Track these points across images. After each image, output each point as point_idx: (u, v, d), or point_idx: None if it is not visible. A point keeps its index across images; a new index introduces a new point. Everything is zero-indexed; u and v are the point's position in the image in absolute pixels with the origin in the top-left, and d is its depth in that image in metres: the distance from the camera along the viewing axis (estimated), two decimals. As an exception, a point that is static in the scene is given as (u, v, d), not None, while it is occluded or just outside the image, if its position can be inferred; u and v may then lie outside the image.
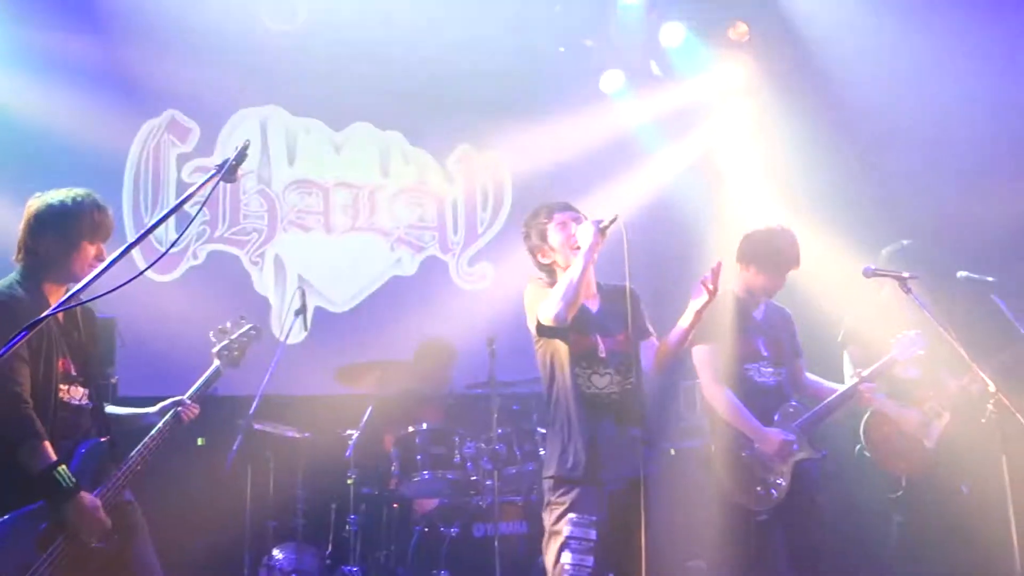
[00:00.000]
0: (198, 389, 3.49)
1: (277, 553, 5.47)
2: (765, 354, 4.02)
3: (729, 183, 6.89)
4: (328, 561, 5.50)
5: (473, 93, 6.89)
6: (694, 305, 3.32)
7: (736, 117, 6.93)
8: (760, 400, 3.93)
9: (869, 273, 4.03)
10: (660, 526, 6.32)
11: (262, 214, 6.47)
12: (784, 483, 3.84)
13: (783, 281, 4.10)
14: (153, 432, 3.34)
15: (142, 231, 2.31)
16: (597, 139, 7.03)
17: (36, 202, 3.24)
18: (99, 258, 3.20)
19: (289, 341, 5.42)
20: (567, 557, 3.14)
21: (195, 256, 6.22)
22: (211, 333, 3.64)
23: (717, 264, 3.34)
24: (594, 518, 3.19)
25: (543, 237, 3.48)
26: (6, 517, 2.99)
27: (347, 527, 5.12)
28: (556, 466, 3.31)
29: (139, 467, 3.27)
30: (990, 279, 4.31)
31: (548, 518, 3.30)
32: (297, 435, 5.21)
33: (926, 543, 4.71)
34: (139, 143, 6.12)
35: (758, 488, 3.82)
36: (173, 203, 6.07)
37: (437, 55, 6.45)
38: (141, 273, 2.35)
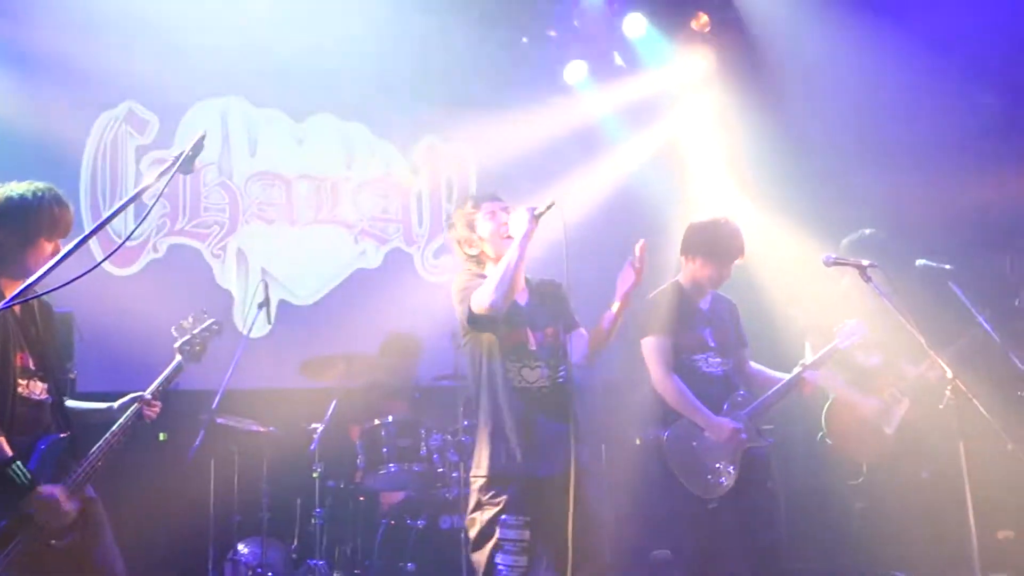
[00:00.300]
0: (159, 385, 3.44)
1: (242, 548, 5.44)
2: (712, 344, 4.05)
3: (692, 173, 6.94)
4: (294, 555, 5.47)
5: (437, 84, 6.87)
6: (622, 287, 3.33)
7: (698, 107, 6.98)
8: (708, 390, 3.96)
9: (829, 262, 4.06)
10: (624, 517, 6.40)
11: (223, 206, 6.39)
12: (733, 471, 3.87)
13: (729, 272, 4.13)
14: (115, 428, 3.29)
15: (97, 223, 2.25)
16: (562, 130, 7.03)
17: None
18: (55, 255, 3.12)
19: (252, 335, 5.38)
20: (501, 559, 3.14)
21: (155, 249, 6.13)
22: (172, 328, 3.58)
23: (641, 243, 3.34)
24: (527, 518, 3.19)
25: (471, 227, 3.43)
26: None
27: (313, 521, 5.09)
28: (488, 464, 3.28)
29: (100, 463, 3.23)
30: (948, 267, 4.37)
31: (479, 518, 3.26)
32: (261, 429, 5.17)
33: (887, 529, 4.78)
34: (96, 135, 6.00)
35: (708, 476, 3.86)
36: (129, 193, 6.02)
37: (401, 46, 6.41)
38: (97, 265, 2.31)
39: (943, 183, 5.81)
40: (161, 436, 5.20)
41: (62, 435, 3.16)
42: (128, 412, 3.33)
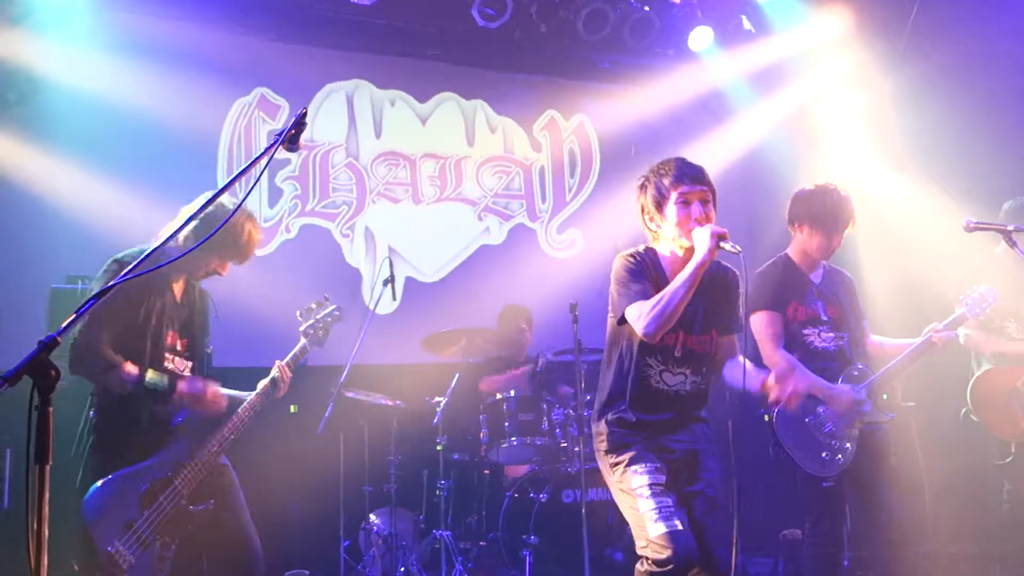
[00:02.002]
0: (288, 362, 3.70)
1: (374, 518, 5.62)
2: (825, 318, 3.87)
3: (824, 140, 6.63)
4: (422, 526, 5.61)
5: (556, 58, 6.82)
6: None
7: (833, 71, 6.63)
8: (821, 365, 3.78)
9: (971, 226, 3.80)
10: (755, 497, 6.24)
11: (351, 187, 6.57)
12: (851, 447, 3.69)
13: (839, 241, 3.91)
14: (245, 404, 3.54)
15: (206, 201, 2.35)
16: (686, 99, 6.88)
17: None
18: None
19: (379, 311, 5.51)
20: (648, 504, 3.01)
21: (288, 230, 6.36)
22: (298, 312, 3.84)
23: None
24: (658, 464, 3.11)
25: (659, 204, 3.16)
26: (111, 476, 3.19)
27: (438, 492, 5.19)
28: (607, 423, 3.22)
29: (233, 436, 3.44)
30: (1010, 228, 4.00)
31: (611, 477, 3.19)
32: (389, 403, 5.30)
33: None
34: (231, 121, 6.27)
35: (823, 454, 3.69)
36: (265, 179, 6.26)
37: (518, 22, 6.38)
38: (207, 238, 2.40)
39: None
40: (292, 408, 5.41)
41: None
42: (258, 389, 3.58)
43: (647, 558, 2.99)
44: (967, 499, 5.14)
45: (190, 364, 3.57)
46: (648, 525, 2.98)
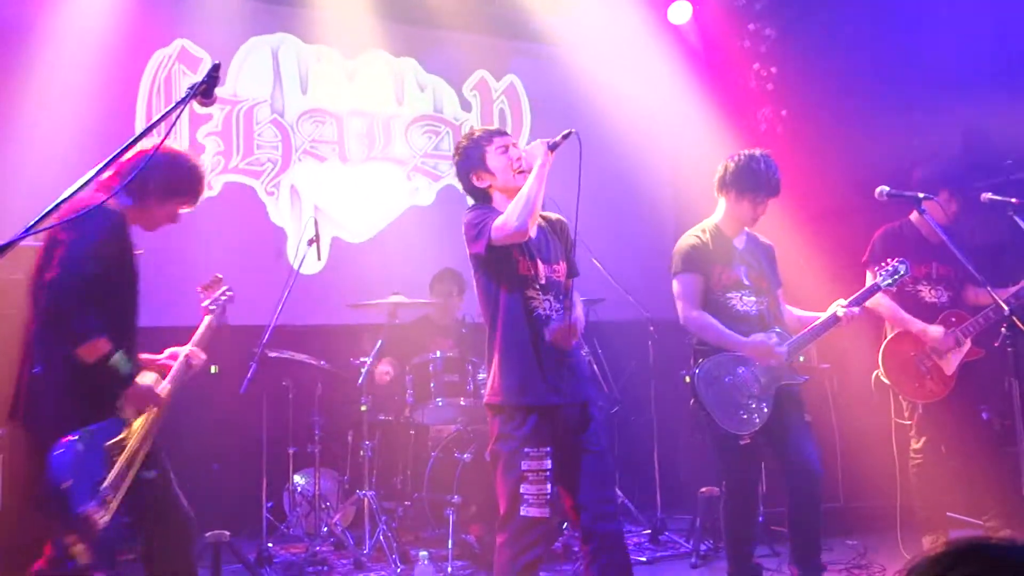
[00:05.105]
0: (196, 342, 3.54)
1: (298, 479, 5.60)
2: (747, 283, 3.96)
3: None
4: (346, 486, 5.61)
5: (488, 18, 6.75)
6: None
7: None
8: (742, 328, 3.87)
9: (884, 196, 3.92)
10: (675, 454, 6.38)
11: (276, 144, 6.43)
12: (767, 408, 3.80)
13: (763, 208, 4.00)
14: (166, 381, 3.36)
15: (107, 160, 2.25)
16: (621, 63, 6.89)
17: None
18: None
19: (304, 271, 5.44)
20: (527, 488, 3.14)
21: (210, 187, 6.16)
22: (198, 287, 3.71)
23: None
24: (548, 449, 3.18)
25: (482, 160, 3.36)
26: (72, 436, 2.98)
27: (362, 453, 5.18)
28: (504, 393, 3.26)
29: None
30: (1013, 200, 4.15)
31: (501, 448, 3.25)
32: (313, 362, 5.26)
33: (943, 470, 4.65)
34: (150, 73, 6.07)
35: (741, 413, 3.79)
36: (185, 134, 6.09)
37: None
38: (109, 198, 2.31)
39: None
40: (213, 369, 5.32)
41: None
42: (178, 363, 3.42)
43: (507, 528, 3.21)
44: (879, 457, 5.34)
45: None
46: (520, 505, 3.17)
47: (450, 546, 4.83)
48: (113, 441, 3.09)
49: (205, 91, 2.34)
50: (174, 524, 3.29)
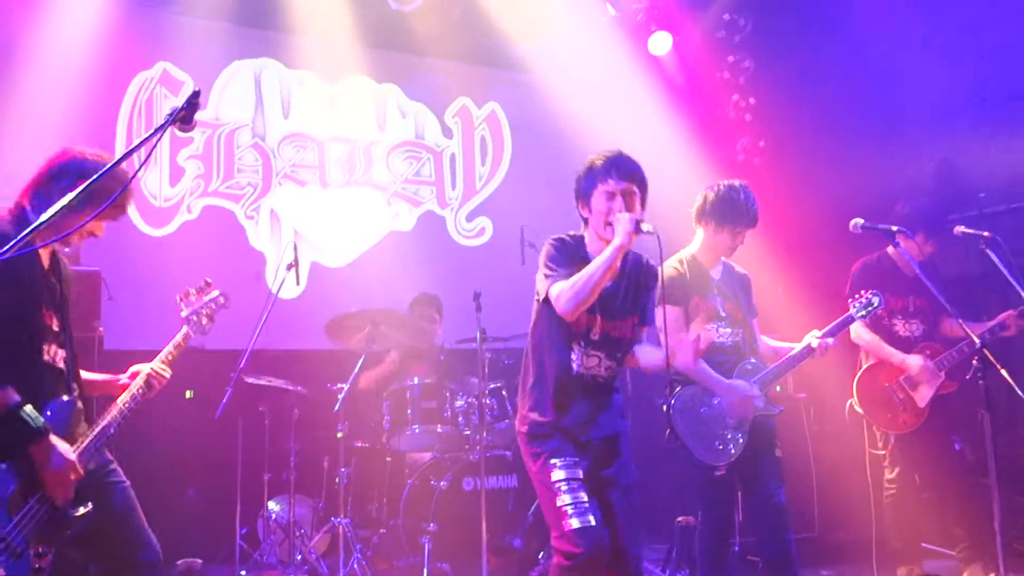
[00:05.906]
0: (166, 355, 3.29)
1: (273, 505, 5.54)
2: (723, 314, 3.99)
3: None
4: (321, 513, 5.56)
5: (471, 46, 6.81)
6: None
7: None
8: (718, 359, 3.89)
9: (858, 228, 3.96)
10: (651, 483, 6.38)
11: (257, 168, 6.43)
12: (742, 439, 3.81)
13: (741, 239, 4.04)
14: (125, 396, 3.15)
15: (88, 180, 2.23)
16: (601, 92, 6.94)
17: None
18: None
19: (283, 296, 5.41)
20: (562, 500, 3.08)
21: (189, 210, 6.19)
22: (177, 296, 3.46)
23: None
24: (576, 459, 3.17)
25: (588, 195, 3.30)
26: None
27: (337, 480, 5.14)
28: (531, 418, 3.26)
29: (113, 432, 3.07)
30: (985, 234, 4.21)
31: (531, 465, 3.25)
32: (290, 388, 5.23)
33: (918, 499, 4.68)
34: (131, 95, 6.06)
35: (716, 443, 3.81)
36: (166, 157, 6.09)
37: (433, 6, 6.36)
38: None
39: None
40: (188, 394, 5.29)
41: (66, 398, 2.98)
42: (137, 381, 3.20)
43: (560, 550, 3.07)
44: (854, 487, 5.37)
45: (63, 354, 3.02)
46: (563, 519, 3.06)
47: (425, 574, 4.79)
48: (24, 482, 2.78)
49: (184, 117, 2.34)
50: (125, 561, 3.06)
